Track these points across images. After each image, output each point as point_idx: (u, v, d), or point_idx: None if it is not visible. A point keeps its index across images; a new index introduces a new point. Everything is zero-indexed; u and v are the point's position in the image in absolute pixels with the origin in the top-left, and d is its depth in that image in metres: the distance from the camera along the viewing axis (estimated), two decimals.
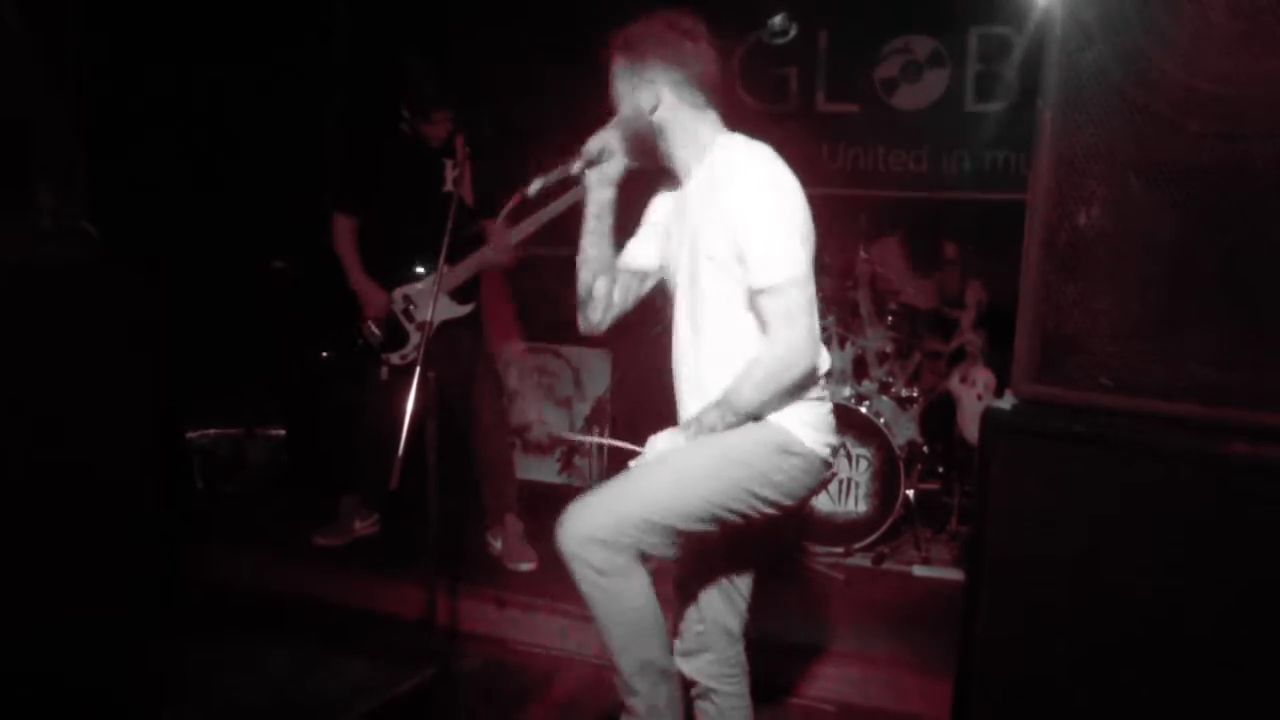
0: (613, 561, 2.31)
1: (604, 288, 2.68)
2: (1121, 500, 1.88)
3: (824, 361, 2.49)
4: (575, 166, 2.62)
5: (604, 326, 2.74)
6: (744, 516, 2.43)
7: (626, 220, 2.72)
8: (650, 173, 2.66)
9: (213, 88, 5.34)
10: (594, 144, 2.61)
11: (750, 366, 2.38)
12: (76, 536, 3.58)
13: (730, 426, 2.41)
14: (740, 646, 2.69)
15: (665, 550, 2.38)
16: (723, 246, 2.39)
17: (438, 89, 4.21)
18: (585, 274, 2.68)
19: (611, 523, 2.32)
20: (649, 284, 2.74)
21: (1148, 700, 1.88)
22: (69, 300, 3.62)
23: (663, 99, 2.50)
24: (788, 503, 2.45)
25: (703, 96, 2.54)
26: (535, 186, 2.65)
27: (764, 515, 2.45)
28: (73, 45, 3.59)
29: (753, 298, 2.38)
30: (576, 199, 3.78)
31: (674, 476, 2.39)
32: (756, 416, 2.42)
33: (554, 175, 2.65)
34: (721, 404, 2.41)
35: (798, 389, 2.42)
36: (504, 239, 4.18)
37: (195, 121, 5.25)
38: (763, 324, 2.39)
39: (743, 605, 2.68)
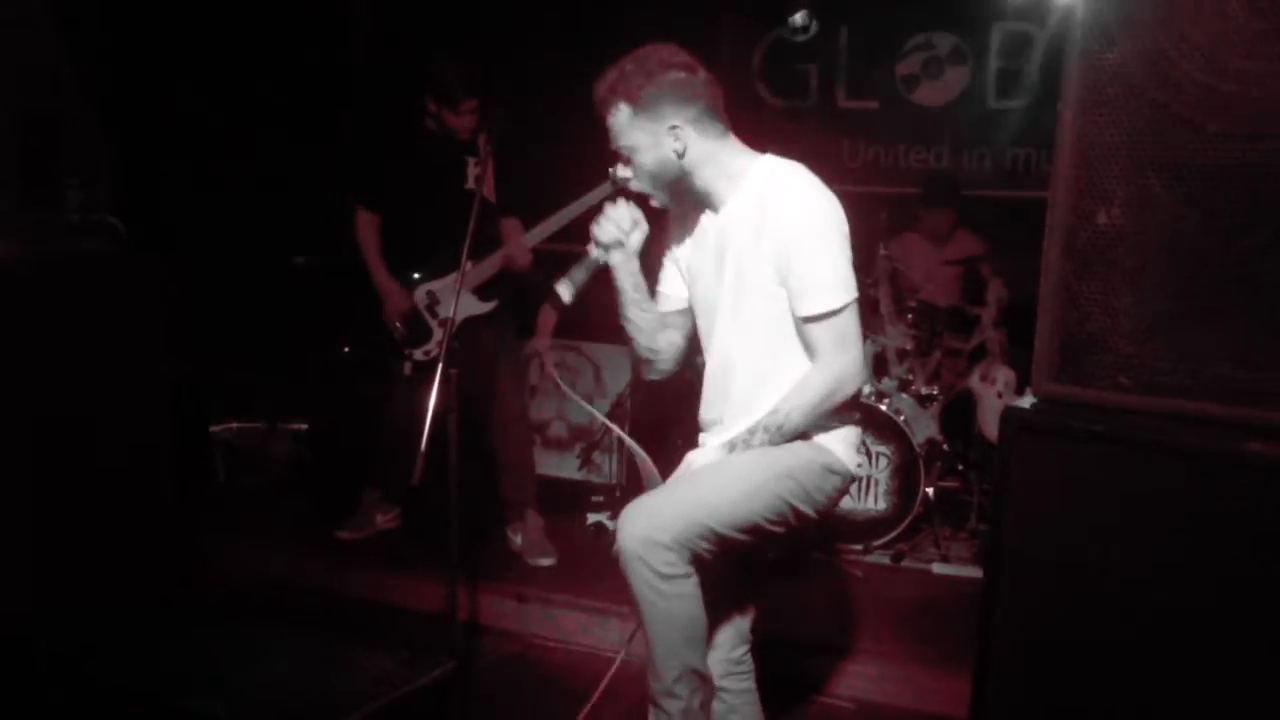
0: (673, 566, 2.30)
1: (667, 341, 2.67)
2: (1141, 499, 1.88)
3: (867, 382, 2.50)
4: (595, 254, 2.54)
5: (675, 371, 2.72)
6: (781, 528, 2.47)
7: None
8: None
9: (235, 84, 5.37)
10: (608, 228, 2.51)
11: (801, 390, 2.41)
12: (99, 528, 3.62)
13: (774, 445, 2.44)
14: (747, 647, 2.71)
15: (709, 556, 2.37)
16: (773, 275, 2.38)
17: (464, 79, 4.23)
18: (642, 338, 2.65)
19: (678, 526, 2.30)
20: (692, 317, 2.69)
21: (1167, 699, 1.88)
22: (94, 293, 3.66)
23: (688, 140, 2.42)
24: (816, 517, 2.51)
25: (720, 125, 2.47)
26: (566, 291, 2.55)
27: (794, 527, 2.49)
28: (98, 45, 3.63)
29: (801, 323, 2.39)
30: (593, 202, 3.83)
31: (738, 487, 2.38)
32: (801, 435, 2.46)
33: (580, 272, 2.54)
34: (769, 426, 2.43)
35: (843, 409, 2.46)
36: (521, 242, 4.20)
37: (218, 118, 5.29)
38: (812, 348, 2.40)
39: (753, 608, 2.71)
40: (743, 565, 2.60)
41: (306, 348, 5.56)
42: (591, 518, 4.93)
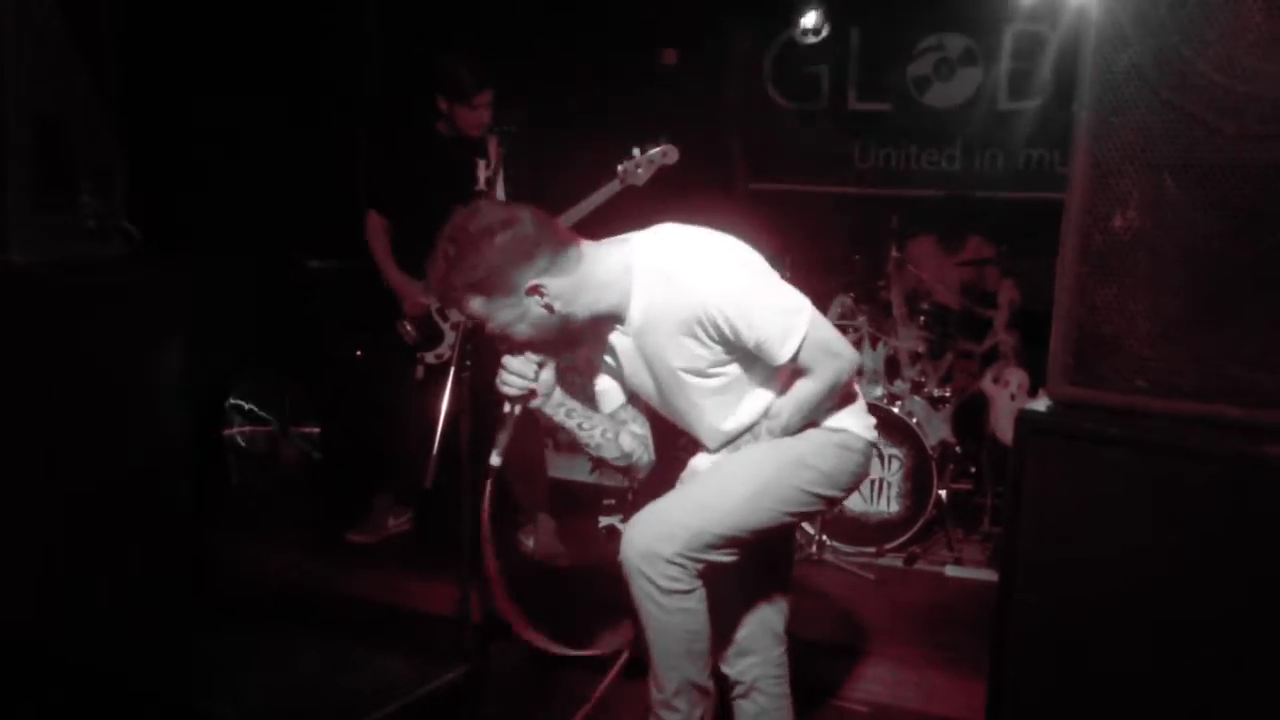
0: (677, 580, 2.28)
1: (632, 439, 2.60)
2: (1156, 502, 1.87)
3: (873, 381, 2.48)
4: (508, 409, 2.48)
5: (653, 455, 2.66)
6: (806, 516, 2.49)
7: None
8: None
9: (248, 88, 5.38)
10: (513, 381, 2.43)
11: (797, 398, 2.38)
12: (111, 530, 3.63)
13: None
14: (783, 647, 2.70)
15: (729, 560, 2.36)
16: (717, 354, 2.34)
17: (476, 72, 4.23)
18: (608, 452, 2.57)
19: (683, 538, 2.28)
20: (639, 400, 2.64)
21: (1182, 702, 1.88)
22: (110, 298, 3.67)
23: (551, 290, 2.29)
24: (841, 495, 2.49)
25: (571, 248, 2.33)
26: (496, 459, 2.52)
27: (820, 511, 2.50)
28: (110, 47, 3.64)
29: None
30: (601, 201, 3.85)
31: (746, 488, 2.35)
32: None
33: (503, 436, 2.50)
34: (772, 429, 2.41)
35: (842, 391, 2.44)
36: None
37: (230, 121, 5.30)
38: (802, 370, 2.36)
39: (785, 605, 2.69)
40: (768, 563, 2.59)
41: (319, 351, 5.56)
42: (604, 521, 4.92)
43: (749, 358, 2.36)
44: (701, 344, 2.32)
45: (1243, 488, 1.79)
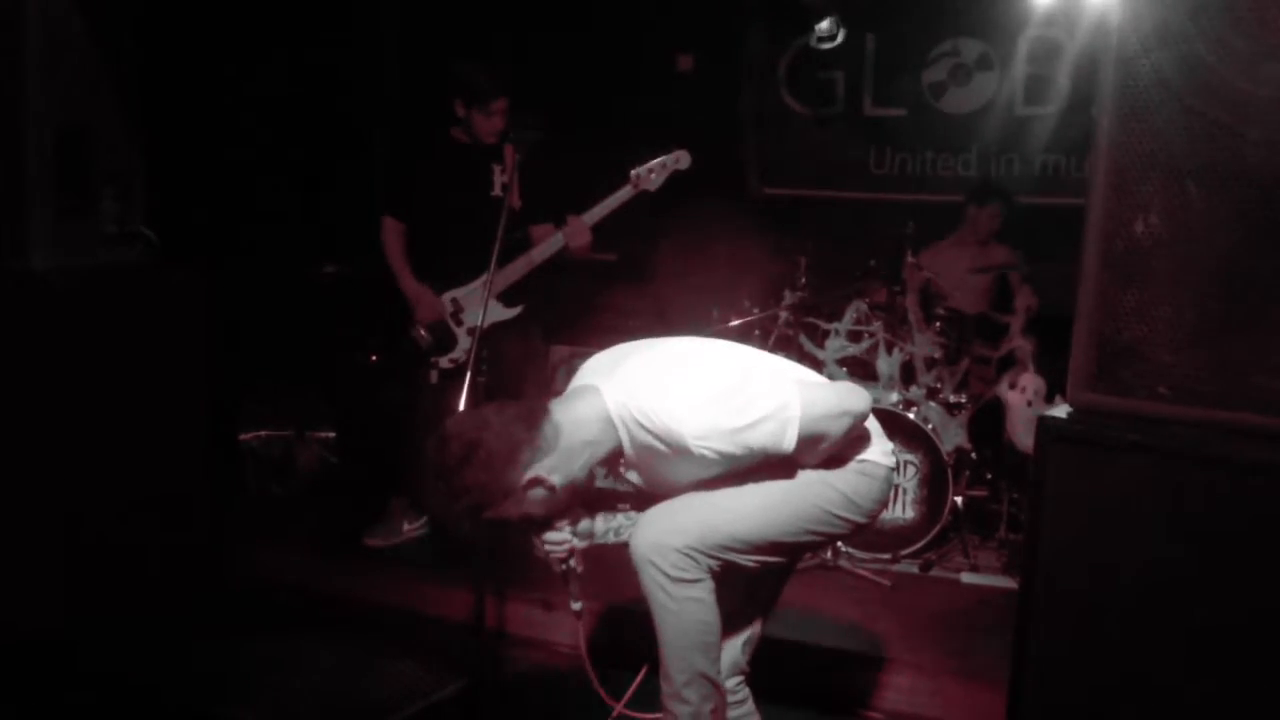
0: (684, 570, 2.30)
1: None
2: (1177, 508, 1.86)
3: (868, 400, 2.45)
4: (571, 570, 2.53)
5: None
6: (827, 536, 2.47)
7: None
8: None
9: (265, 94, 5.41)
10: (557, 555, 2.50)
11: (819, 451, 2.38)
12: (130, 534, 3.65)
13: None
14: (742, 678, 2.68)
15: (748, 565, 2.38)
16: (714, 470, 2.33)
17: (493, 78, 4.23)
18: None
19: (695, 532, 2.30)
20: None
21: (1204, 709, 1.86)
22: (131, 303, 3.69)
23: (544, 476, 2.30)
24: (864, 520, 2.49)
25: (543, 427, 2.30)
26: (576, 605, 2.58)
27: (842, 533, 2.49)
28: (131, 57, 3.67)
29: None
30: (614, 205, 3.87)
31: (764, 496, 2.38)
32: None
33: (576, 589, 2.57)
34: None
35: (858, 439, 2.46)
36: (579, 224, 4.18)
37: (249, 127, 5.32)
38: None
39: (755, 637, 2.68)
40: (748, 593, 2.58)
41: (335, 356, 5.58)
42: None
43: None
44: (702, 467, 2.32)
45: (1265, 494, 1.78)
